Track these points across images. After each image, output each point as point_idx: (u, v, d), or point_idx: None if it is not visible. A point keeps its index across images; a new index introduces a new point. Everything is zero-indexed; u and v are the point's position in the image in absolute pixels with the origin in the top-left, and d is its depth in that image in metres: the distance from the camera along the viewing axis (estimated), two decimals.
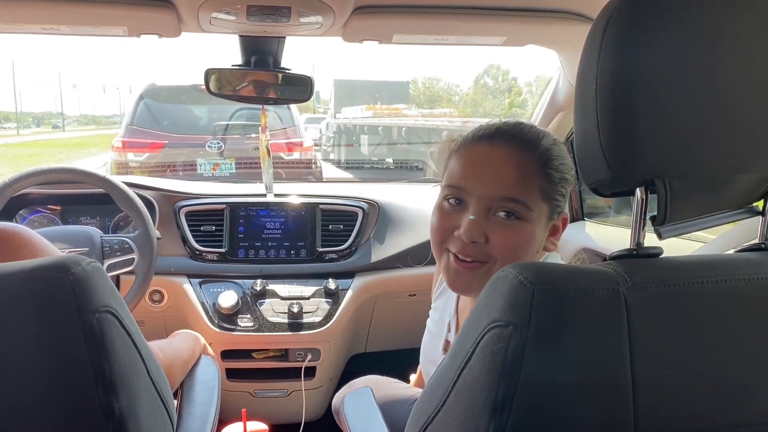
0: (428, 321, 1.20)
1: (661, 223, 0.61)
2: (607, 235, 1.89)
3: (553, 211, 0.93)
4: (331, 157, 13.56)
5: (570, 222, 1.93)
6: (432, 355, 1.14)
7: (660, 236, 0.63)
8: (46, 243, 0.87)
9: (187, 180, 2.21)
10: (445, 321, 1.12)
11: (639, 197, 0.62)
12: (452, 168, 0.95)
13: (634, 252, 0.63)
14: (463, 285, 0.94)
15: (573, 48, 1.61)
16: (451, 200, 0.94)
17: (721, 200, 0.66)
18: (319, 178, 6.27)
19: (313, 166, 6.08)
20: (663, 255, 0.64)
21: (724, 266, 0.61)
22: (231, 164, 5.33)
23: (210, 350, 1.52)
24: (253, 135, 5.42)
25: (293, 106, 5.65)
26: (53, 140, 28.27)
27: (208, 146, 5.42)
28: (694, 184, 0.62)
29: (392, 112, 14.09)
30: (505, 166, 0.90)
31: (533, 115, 1.96)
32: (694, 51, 0.58)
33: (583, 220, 2.05)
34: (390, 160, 11.31)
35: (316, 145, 8.42)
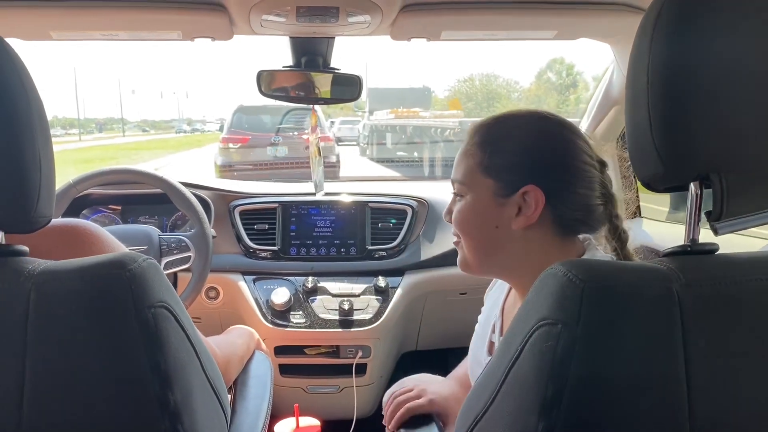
0: (477, 324, 1.20)
1: (717, 219, 0.59)
2: (665, 232, 1.84)
3: (501, 186, 0.92)
4: (367, 153, 16.15)
5: (626, 219, 1.89)
6: (478, 357, 1.13)
7: (716, 232, 0.61)
8: (114, 239, 0.91)
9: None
10: (490, 322, 1.12)
11: (693, 192, 0.60)
12: None
13: (689, 248, 0.61)
14: (458, 260, 1.04)
15: (626, 40, 1.57)
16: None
17: None
18: (335, 163, 8.60)
19: (330, 153, 8.46)
20: (720, 252, 0.62)
21: None
22: (284, 149, 8.54)
23: (263, 345, 1.55)
24: (301, 132, 8.45)
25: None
26: (110, 145, 29.62)
27: (272, 140, 8.54)
28: (751, 178, 0.60)
29: (411, 114, 16.44)
30: (458, 156, 1.01)
31: (587, 109, 1.92)
32: (750, 40, 0.56)
33: (640, 217, 1.99)
34: (415, 155, 13.55)
35: (339, 139, 13.86)
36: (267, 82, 1.59)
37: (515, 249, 0.94)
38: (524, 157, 0.93)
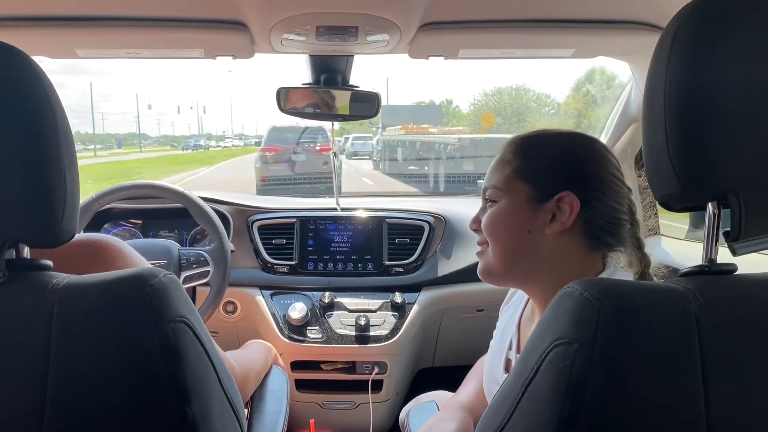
0: (492, 340, 1.19)
1: (735, 239, 0.59)
2: (684, 250, 1.82)
3: (539, 192, 0.94)
4: (380, 167, 17.10)
5: (645, 237, 1.87)
6: (494, 375, 1.13)
7: (734, 253, 0.60)
8: (136, 254, 0.93)
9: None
10: (506, 339, 1.11)
11: (711, 212, 0.60)
12: None
13: (706, 269, 0.61)
14: (479, 270, 1.03)
15: (644, 58, 1.56)
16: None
17: None
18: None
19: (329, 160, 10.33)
20: (739, 272, 0.62)
21: None
22: (303, 156, 11.41)
23: (280, 360, 1.55)
24: (315, 144, 11.66)
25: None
26: (124, 161, 29.64)
27: (295, 150, 11.47)
28: None
29: (420, 130, 17.30)
30: (493, 164, 1.02)
31: (606, 126, 1.92)
32: (766, 61, 0.56)
33: (659, 235, 1.98)
34: (426, 169, 14.14)
35: (354, 153, 20.11)
36: (286, 99, 1.61)
37: (542, 255, 0.95)
38: (561, 164, 0.95)
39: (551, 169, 0.95)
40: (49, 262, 0.69)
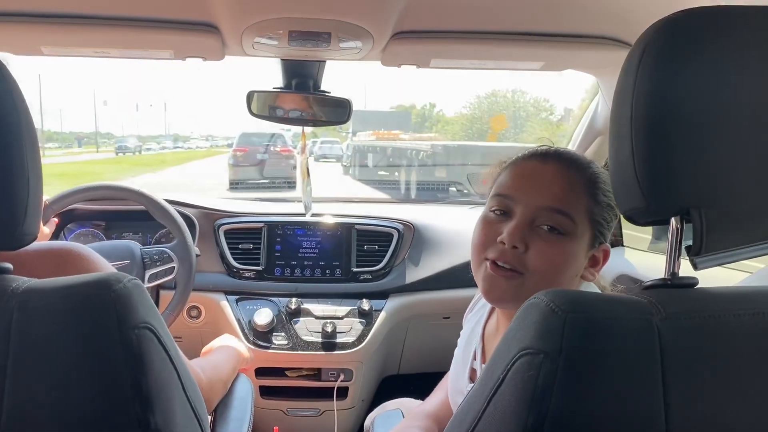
0: (456, 349, 1.19)
1: (697, 254, 0.60)
2: (646, 261, 1.86)
3: (595, 238, 0.93)
4: (350, 172, 17.07)
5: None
6: (459, 385, 1.13)
7: (695, 267, 0.62)
8: (104, 261, 0.91)
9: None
10: (471, 349, 1.11)
11: (674, 226, 0.62)
12: (501, 180, 0.97)
13: (669, 282, 0.62)
14: (498, 294, 0.93)
15: (611, 73, 1.60)
16: (497, 211, 0.95)
17: (759, 231, 0.65)
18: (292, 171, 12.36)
19: (292, 160, 12.92)
20: (700, 285, 0.63)
21: (762, 299, 0.60)
22: (266, 156, 13.63)
23: (245, 352, 1.55)
24: (276, 147, 13.74)
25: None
26: (71, 163, 25.92)
27: (261, 152, 13.65)
28: (731, 215, 0.61)
29: (391, 136, 17.22)
30: (554, 180, 0.91)
31: (572, 139, 1.95)
32: (732, 80, 0.58)
33: (622, 246, 2.02)
34: (396, 176, 14.16)
35: (323, 156, 21.89)
36: (256, 102, 1.60)
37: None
38: (609, 214, 0.94)
39: (611, 218, 0.94)
40: (9, 265, 0.67)
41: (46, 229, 1.45)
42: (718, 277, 1.38)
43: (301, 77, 1.56)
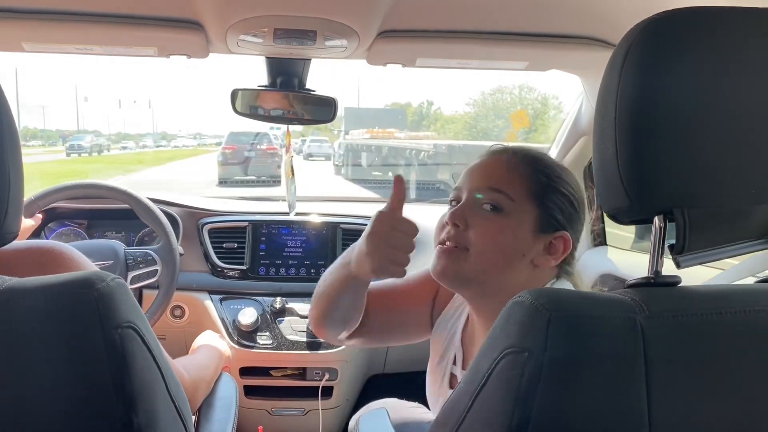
0: (429, 359, 1.19)
1: (680, 252, 0.61)
2: (629, 260, 1.87)
3: (544, 220, 0.95)
4: (342, 172, 16.91)
5: (592, 247, 1.92)
6: (435, 390, 1.14)
7: (678, 265, 0.63)
8: (87, 261, 0.90)
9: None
10: (449, 354, 1.12)
11: (657, 226, 0.62)
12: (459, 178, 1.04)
13: (652, 280, 0.63)
14: (440, 268, 0.97)
15: (595, 73, 1.61)
16: (452, 202, 1.01)
17: (741, 231, 0.66)
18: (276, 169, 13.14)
19: (277, 158, 14.16)
20: (681, 284, 0.64)
21: (743, 297, 0.61)
22: (253, 153, 14.59)
23: (226, 350, 1.54)
24: (262, 145, 14.74)
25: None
26: (50, 161, 23.82)
27: (248, 149, 14.63)
28: (713, 214, 0.62)
29: (386, 134, 17.13)
30: (494, 166, 0.99)
31: (556, 139, 1.96)
32: (715, 80, 0.58)
33: (605, 245, 2.03)
34: (390, 175, 13.80)
35: (310, 155, 22.07)
36: (241, 100, 1.59)
37: (518, 280, 0.95)
38: (569, 202, 0.97)
39: (563, 204, 0.96)
40: None
41: (30, 221, 1.43)
42: (700, 276, 1.39)
43: (286, 75, 1.55)
